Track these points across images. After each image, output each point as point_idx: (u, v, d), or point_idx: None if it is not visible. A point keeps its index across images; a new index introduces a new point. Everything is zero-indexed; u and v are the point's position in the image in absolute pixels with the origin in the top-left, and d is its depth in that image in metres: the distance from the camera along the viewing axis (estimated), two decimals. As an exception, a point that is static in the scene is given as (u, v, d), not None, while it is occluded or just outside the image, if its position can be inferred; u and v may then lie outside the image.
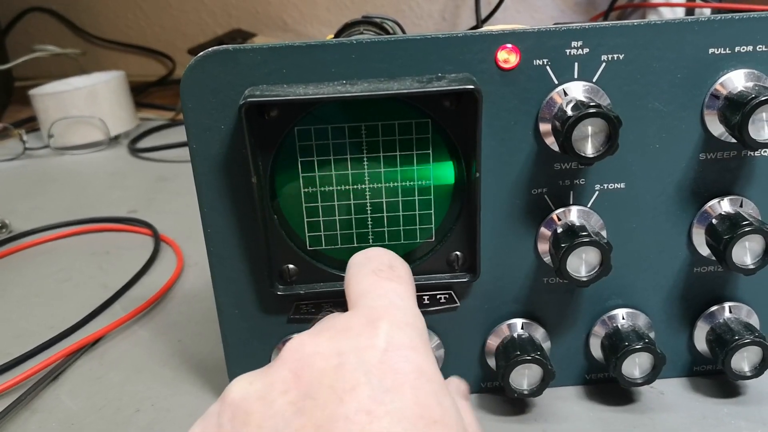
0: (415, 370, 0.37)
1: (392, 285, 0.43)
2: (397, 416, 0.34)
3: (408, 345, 0.38)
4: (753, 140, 0.50)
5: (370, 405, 0.35)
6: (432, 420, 0.35)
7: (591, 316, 0.60)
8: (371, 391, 0.35)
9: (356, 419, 0.34)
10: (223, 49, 0.50)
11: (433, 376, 0.38)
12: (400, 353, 0.38)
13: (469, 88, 0.49)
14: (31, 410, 0.64)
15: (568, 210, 0.55)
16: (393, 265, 0.46)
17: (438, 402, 0.36)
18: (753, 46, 0.52)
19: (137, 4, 2.05)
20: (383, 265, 0.45)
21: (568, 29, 0.51)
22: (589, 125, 0.49)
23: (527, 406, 0.60)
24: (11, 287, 0.89)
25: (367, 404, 0.35)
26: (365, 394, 0.35)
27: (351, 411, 0.35)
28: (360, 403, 0.35)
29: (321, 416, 0.35)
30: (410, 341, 0.39)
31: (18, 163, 1.44)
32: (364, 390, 0.35)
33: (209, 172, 0.53)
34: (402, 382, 0.36)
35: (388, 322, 0.39)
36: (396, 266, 0.46)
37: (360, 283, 0.44)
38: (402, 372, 0.37)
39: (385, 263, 0.46)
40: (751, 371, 0.57)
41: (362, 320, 0.40)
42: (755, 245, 0.53)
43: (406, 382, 0.36)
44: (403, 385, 0.36)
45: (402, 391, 0.36)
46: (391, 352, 0.38)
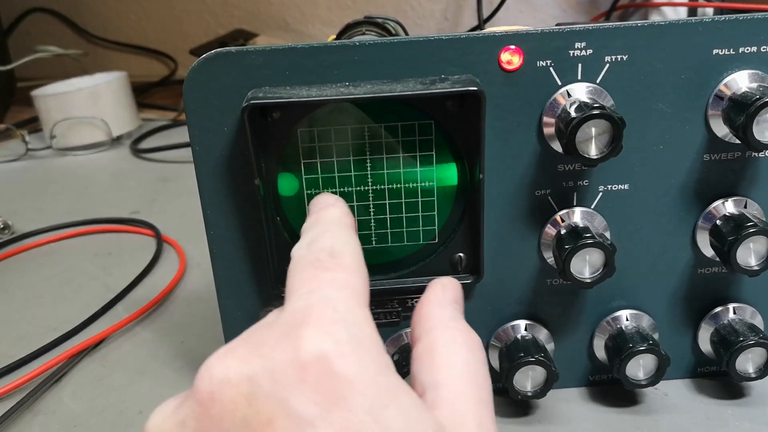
0: (344, 384, 0.31)
1: (328, 275, 0.36)
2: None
3: (334, 353, 0.31)
4: (757, 141, 0.49)
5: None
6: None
7: (595, 317, 0.60)
8: (290, 423, 0.30)
9: None
10: (226, 51, 0.50)
11: (368, 386, 0.31)
12: (323, 367, 0.31)
13: (472, 89, 0.49)
14: (34, 412, 0.64)
15: (572, 211, 0.55)
16: (335, 251, 0.38)
17: (375, 420, 0.30)
18: (757, 47, 0.52)
19: (139, 5, 2.05)
20: (323, 253, 0.38)
21: (571, 30, 0.50)
22: (593, 127, 0.49)
23: (531, 407, 0.60)
24: (14, 289, 0.89)
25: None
26: (283, 427, 0.30)
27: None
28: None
29: None
30: (337, 347, 0.32)
31: (20, 164, 1.44)
32: (282, 423, 0.30)
33: (212, 174, 0.53)
34: (327, 406, 0.30)
35: (313, 327, 0.33)
36: (339, 252, 0.38)
37: (293, 278, 0.37)
38: (327, 390, 0.30)
39: (326, 250, 0.38)
40: (756, 372, 0.57)
41: (281, 329, 0.33)
42: (760, 246, 0.53)
43: (335, 402, 0.30)
44: (332, 408, 0.30)
45: (329, 419, 0.30)
46: (311, 368, 0.31)
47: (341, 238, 0.40)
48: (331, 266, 0.37)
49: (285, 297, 0.37)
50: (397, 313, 0.58)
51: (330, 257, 0.38)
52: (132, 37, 2.09)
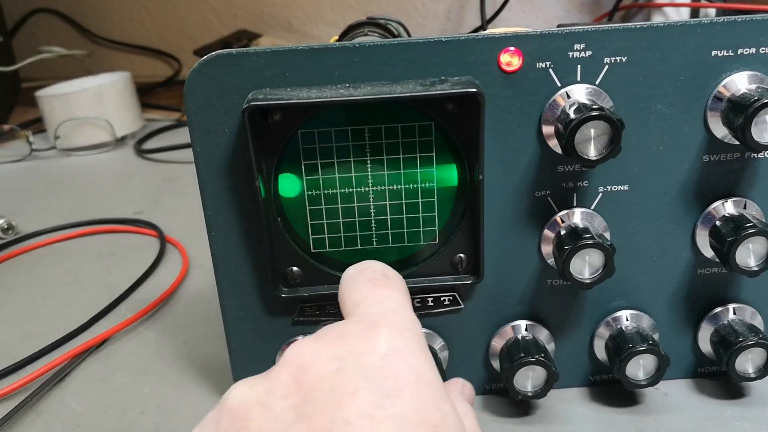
0: (414, 374, 0.37)
1: (387, 292, 0.43)
2: (398, 421, 0.34)
3: (407, 350, 0.38)
4: (756, 142, 0.50)
5: (371, 409, 0.35)
6: (432, 425, 0.35)
7: (595, 317, 0.60)
8: (372, 395, 0.35)
9: (357, 424, 0.34)
10: (227, 53, 0.50)
11: (432, 380, 0.38)
12: (400, 358, 0.38)
13: (471, 91, 0.49)
14: (37, 412, 0.64)
15: (572, 212, 0.55)
16: (387, 274, 0.46)
17: (437, 407, 0.36)
18: (756, 48, 0.52)
19: (143, 6, 2.05)
20: (377, 274, 0.45)
21: (570, 32, 0.51)
22: (592, 128, 0.49)
23: (531, 407, 0.60)
24: (18, 289, 0.90)
25: (368, 409, 0.35)
26: (366, 398, 0.35)
27: (352, 415, 0.34)
28: (360, 407, 0.35)
29: (321, 421, 0.35)
30: (409, 346, 0.39)
31: (25, 165, 1.45)
32: (365, 395, 0.35)
33: (213, 175, 0.54)
34: (402, 386, 0.36)
35: (387, 328, 0.39)
36: (390, 275, 0.46)
37: (355, 293, 0.44)
38: (402, 376, 0.37)
39: (379, 272, 0.45)
40: (755, 373, 0.57)
41: (361, 326, 0.40)
42: (759, 247, 0.53)
43: (406, 386, 0.36)
44: (403, 390, 0.36)
45: (402, 396, 0.36)
46: (390, 357, 0.38)
47: (386, 266, 0.47)
48: (387, 285, 0.44)
49: (345, 309, 0.44)
50: (397, 314, 0.58)
51: (384, 278, 0.45)
52: (136, 37, 2.10)
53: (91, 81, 1.56)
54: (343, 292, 0.45)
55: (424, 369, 0.38)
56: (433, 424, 0.35)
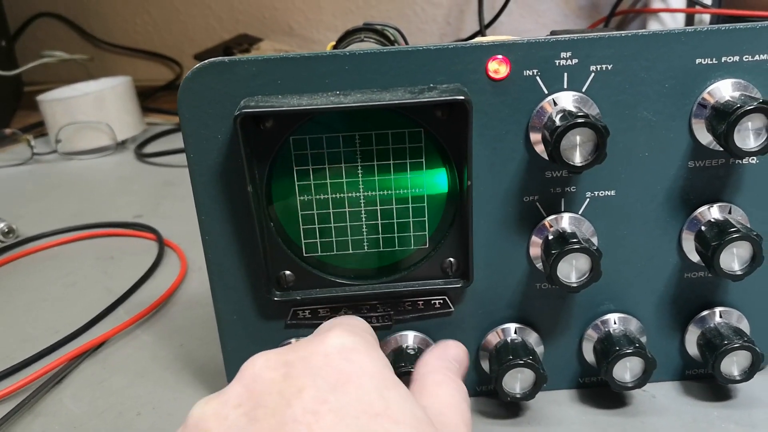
0: (357, 368, 0.40)
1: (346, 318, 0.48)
2: (341, 413, 0.37)
3: (351, 347, 0.41)
4: (738, 149, 0.50)
5: (315, 405, 0.37)
6: (374, 413, 0.38)
7: (584, 320, 0.61)
8: (316, 392, 0.38)
9: (303, 419, 0.37)
10: (219, 61, 0.51)
11: (376, 373, 0.40)
12: (344, 355, 0.41)
13: (459, 99, 0.50)
14: (35, 414, 0.65)
15: (560, 217, 0.56)
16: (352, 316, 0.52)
17: (380, 396, 0.39)
18: (739, 56, 0.53)
19: (145, 10, 2.06)
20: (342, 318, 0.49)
21: (557, 40, 0.52)
22: (578, 135, 0.50)
23: (521, 409, 0.61)
24: (18, 291, 0.91)
25: (312, 405, 0.37)
26: (310, 395, 0.38)
27: (298, 413, 0.37)
28: (306, 403, 0.37)
29: (272, 422, 0.37)
30: (354, 344, 0.42)
31: (26, 168, 1.46)
32: (310, 392, 0.38)
33: (206, 180, 0.55)
34: (345, 380, 0.39)
35: (337, 330, 0.43)
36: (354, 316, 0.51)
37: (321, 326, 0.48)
38: (345, 372, 0.40)
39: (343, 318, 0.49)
40: (741, 375, 0.58)
41: (311, 337, 0.44)
42: (743, 252, 0.54)
43: (349, 380, 0.39)
44: (347, 384, 0.39)
45: (345, 389, 0.38)
46: (333, 355, 0.41)
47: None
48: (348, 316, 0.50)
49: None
50: (389, 317, 0.59)
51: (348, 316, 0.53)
52: (138, 41, 2.11)
53: (92, 85, 1.57)
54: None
55: (369, 362, 0.41)
56: (375, 412, 0.38)
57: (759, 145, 0.51)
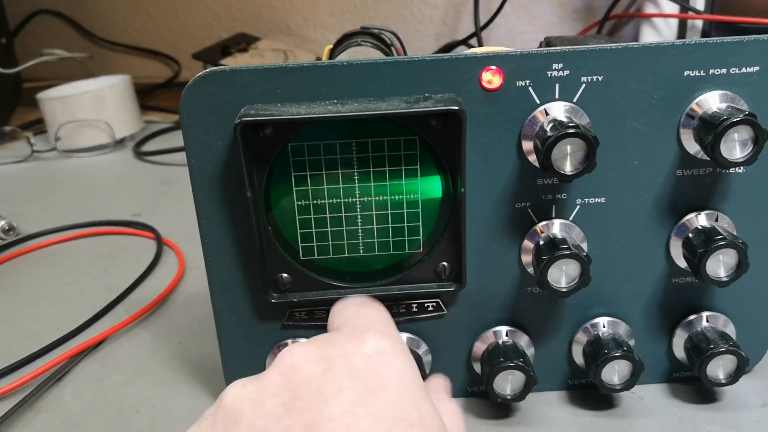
0: (396, 375, 0.41)
1: (372, 310, 0.50)
2: (378, 418, 0.38)
3: (390, 352, 0.42)
4: (725, 159, 0.52)
5: (354, 406, 0.38)
6: (409, 423, 0.38)
7: (574, 324, 0.62)
8: (355, 393, 0.39)
9: (341, 419, 0.37)
10: (221, 70, 0.52)
11: (413, 381, 0.41)
12: (383, 359, 0.42)
13: (453, 108, 0.51)
14: (36, 410, 0.66)
15: (551, 223, 0.57)
16: (371, 301, 0.53)
17: (416, 406, 0.40)
18: (726, 69, 0.54)
19: (144, 8, 2.07)
20: (364, 300, 0.53)
21: (549, 52, 0.53)
22: (568, 144, 0.51)
23: (512, 410, 0.62)
24: (18, 289, 0.92)
25: (351, 406, 0.38)
26: (349, 396, 0.39)
27: (336, 411, 0.38)
28: (344, 404, 0.38)
29: (308, 416, 0.38)
30: (393, 349, 0.43)
31: (26, 165, 1.46)
32: (349, 392, 0.39)
33: (207, 185, 0.56)
34: (384, 385, 0.40)
35: (373, 333, 0.44)
36: (374, 302, 0.53)
37: (343, 313, 0.50)
38: (384, 377, 0.40)
39: (366, 299, 0.53)
40: (726, 378, 0.59)
41: (349, 333, 0.45)
42: (729, 259, 0.55)
43: (388, 386, 0.40)
44: (385, 389, 0.40)
45: (383, 395, 0.39)
46: (374, 359, 0.41)
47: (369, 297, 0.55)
48: (371, 305, 0.52)
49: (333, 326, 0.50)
50: (383, 319, 0.60)
51: (370, 301, 0.53)
52: (137, 39, 2.11)
53: (92, 84, 1.57)
54: (333, 314, 0.51)
55: (406, 371, 0.42)
56: (411, 422, 0.39)
57: (745, 155, 0.52)
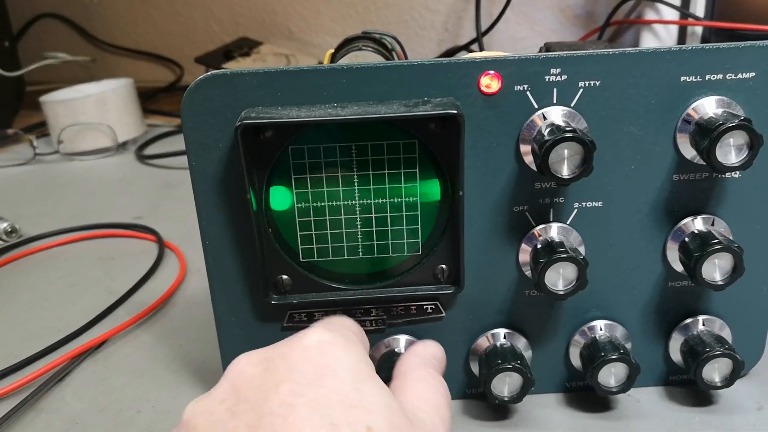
0: (334, 362, 0.42)
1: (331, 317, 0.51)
2: (315, 405, 0.39)
3: (330, 342, 0.44)
4: (720, 164, 0.52)
5: (291, 398, 0.39)
6: (348, 404, 0.40)
7: (571, 327, 0.62)
8: (293, 385, 0.40)
9: (279, 412, 0.39)
10: (222, 73, 0.53)
11: (353, 366, 0.43)
12: (320, 349, 0.43)
13: (452, 112, 0.52)
14: (38, 410, 0.66)
15: (549, 226, 0.58)
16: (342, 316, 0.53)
17: (355, 388, 0.41)
18: (723, 75, 0.54)
19: (147, 12, 2.07)
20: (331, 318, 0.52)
21: (547, 57, 0.53)
22: (566, 148, 0.52)
23: (509, 412, 0.62)
24: (20, 291, 0.92)
25: (288, 398, 0.39)
26: (287, 389, 0.40)
27: (275, 405, 0.39)
28: (282, 397, 0.40)
29: (251, 416, 0.39)
30: (333, 339, 0.44)
31: (28, 168, 1.47)
32: (287, 386, 0.40)
33: (208, 187, 0.56)
34: (321, 374, 0.41)
35: (315, 329, 0.45)
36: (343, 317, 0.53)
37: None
38: (321, 365, 0.42)
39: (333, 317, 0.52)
40: (722, 382, 0.60)
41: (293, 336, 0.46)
42: (724, 263, 0.56)
43: (326, 374, 0.41)
44: (323, 377, 0.41)
45: (322, 383, 0.41)
46: (311, 350, 0.43)
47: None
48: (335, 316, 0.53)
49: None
50: (382, 321, 0.61)
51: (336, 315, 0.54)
52: (139, 43, 2.12)
53: (94, 87, 1.58)
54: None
55: (345, 356, 0.43)
56: (350, 403, 0.40)
57: (740, 160, 0.52)
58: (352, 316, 0.60)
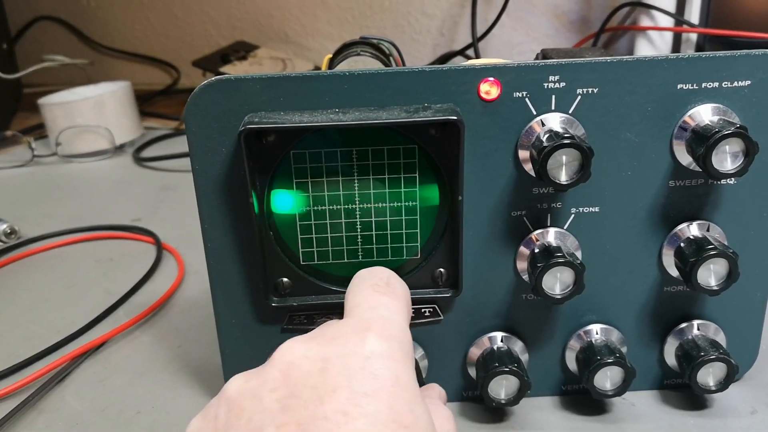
0: (392, 377, 0.41)
1: (385, 299, 0.47)
2: (371, 419, 0.38)
3: (388, 355, 0.42)
4: (716, 170, 0.53)
5: (348, 407, 0.38)
6: (402, 425, 0.39)
7: (567, 330, 0.63)
8: (350, 394, 0.39)
9: (334, 419, 0.38)
10: (225, 78, 0.54)
11: (408, 385, 0.41)
12: (381, 362, 0.41)
13: (452, 118, 0.52)
14: (38, 410, 0.67)
15: (546, 231, 0.59)
16: (390, 282, 0.50)
17: (410, 409, 0.40)
18: (719, 83, 0.55)
19: (144, 15, 2.08)
20: (381, 281, 0.49)
21: (545, 65, 0.54)
22: (564, 155, 0.52)
23: (506, 414, 0.63)
24: (20, 291, 0.93)
25: (345, 406, 0.38)
26: (344, 396, 0.39)
27: (330, 411, 0.38)
28: (338, 404, 0.38)
29: (303, 414, 0.38)
30: (391, 351, 0.42)
31: (27, 170, 1.47)
32: (344, 393, 0.39)
33: (210, 191, 0.57)
34: (379, 387, 0.40)
35: (375, 332, 0.43)
36: (393, 283, 0.50)
37: (357, 295, 0.48)
38: (380, 379, 0.40)
39: (384, 279, 0.50)
40: (716, 386, 0.60)
41: (350, 329, 0.43)
42: (719, 268, 0.56)
43: (383, 388, 0.40)
44: (380, 391, 0.39)
45: (378, 396, 0.39)
46: (372, 360, 0.41)
47: (393, 274, 0.51)
48: (386, 292, 0.48)
49: (346, 308, 0.48)
50: (381, 324, 0.61)
51: (386, 285, 0.49)
52: (137, 46, 2.12)
53: (92, 90, 1.58)
54: (349, 291, 0.49)
55: (403, 373, 0.41)
56: (405, 424, 0.39)
57: (736, 167, 0.53)
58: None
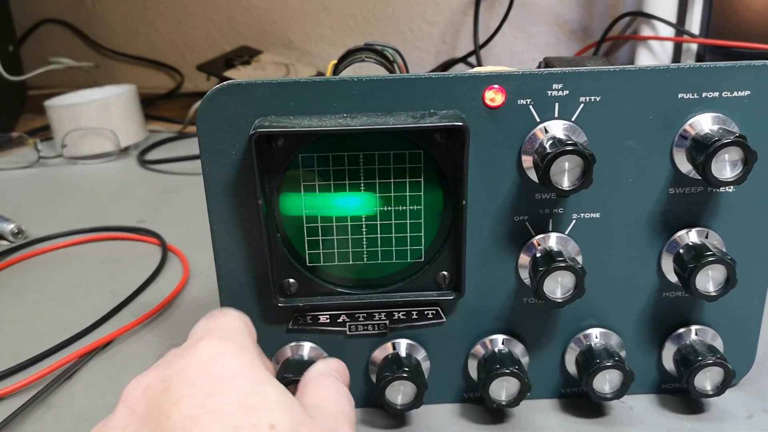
0: (231, 371, 0.42)
1: (216, 319, 0.50)
2: (218, 414, 0.39)
3: (224, 352, 0.44)
4: (715, 178, 0.54)
5: (194, 411, 0.39)
6: (250, 407, 0.40)
7: (567, 334, 0.64)
8: (194, 399, 0.40)
9: (182, 426, 0.39)
10: (236, 83, 0.55)
11: (250, 372, 0.43)
12: (218, 360, 0.43)
13: (457, 124, 0.53)
14: (48, 405, 0.68)
15: (548, 236, 0.60)
16: (224, 310, 0.52)
17: (255, 391, 0.41)
18: (719, 92, 0.56)
19: (149, 20, 2.09)
20: (215, 311, 0.52)
21: (550, 73, 0.55)
22: (566, 161, 0.53)
23: (506, 416, 0.64)
24: (27, 291, 0.94)
25: (191, 410, 0.39)
26: (188, 403, 0.40)
27: (177, 420, 0.39)
28: (185, 411, 0.39)
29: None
30: (227, 349, 0.44)
31: (33, 171, 1.48)
32: (187, 400, 0.40)
33: (220, 192, 0.58)
34: (221, 384, 0.41)
35: (207, 339, 0.45)
36: (225, 310, 0.52)
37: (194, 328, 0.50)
38: (220, 376, 0.42)
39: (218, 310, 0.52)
40: (713, 390, 0.61)
41: (186, 346, 0.46)
42: (718, 274, 0.57)
43: (225, 383, 0.41)
44: (222, 387, 0.41)
45: (222, 392, 0.41)
46: (209, 364, 0.43)
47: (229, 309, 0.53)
48: (219, 315, 0.51)
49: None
50: (384, 325, 0.62)
51: (219, 312, 0.51)
52: (141, 50, 2.13)
53: (98, 93, 1.59)
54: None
55: (241, 364, 0.43)
56: (252, 405, 0.40)
57: (735, 175, 0.54)
58: (355, 320, 0.62)
